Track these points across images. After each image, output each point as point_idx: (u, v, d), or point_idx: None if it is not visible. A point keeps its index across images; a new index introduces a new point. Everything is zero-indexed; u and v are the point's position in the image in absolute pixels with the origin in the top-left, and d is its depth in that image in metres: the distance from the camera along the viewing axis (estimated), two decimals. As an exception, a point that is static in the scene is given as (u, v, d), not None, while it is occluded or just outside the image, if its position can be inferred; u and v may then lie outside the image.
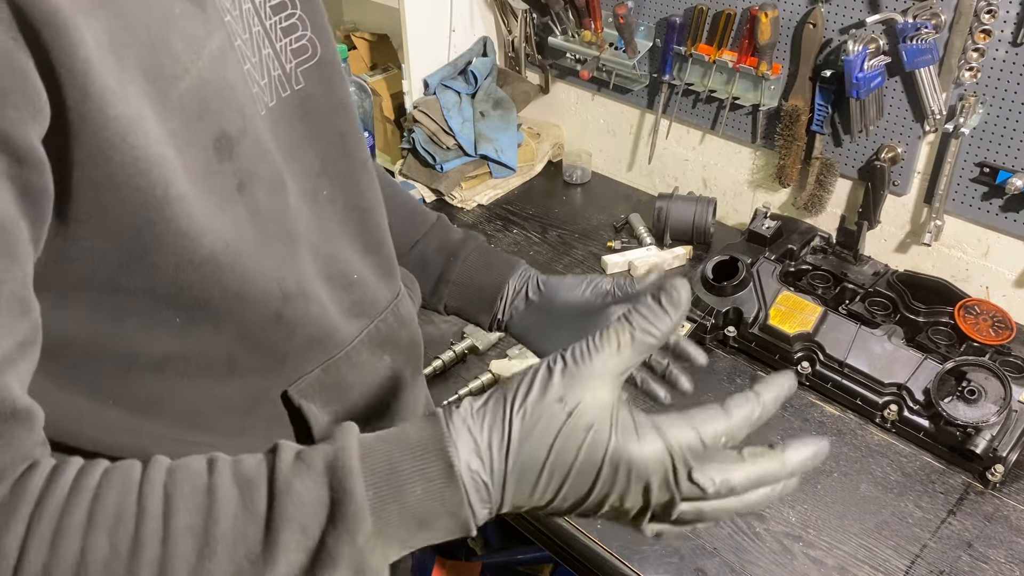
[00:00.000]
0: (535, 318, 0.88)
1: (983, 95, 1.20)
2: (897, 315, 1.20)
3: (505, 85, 1.75)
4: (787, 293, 1.21)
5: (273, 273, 0.56)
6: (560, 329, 0.88)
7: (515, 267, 0.89)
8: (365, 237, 0.67)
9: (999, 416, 1.01)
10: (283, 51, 0.59)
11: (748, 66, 1.40)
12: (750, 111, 1.48)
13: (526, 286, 0.88)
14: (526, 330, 0.89)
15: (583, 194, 1.71)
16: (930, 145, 1.30)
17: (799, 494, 1.01)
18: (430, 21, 1.67)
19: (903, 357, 1.11)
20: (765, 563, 0.93)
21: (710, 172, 1.62)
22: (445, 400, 1.13)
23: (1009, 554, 0.94)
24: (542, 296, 0.88)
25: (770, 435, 1.09)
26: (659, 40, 1.53)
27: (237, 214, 0.52)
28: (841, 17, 1.30)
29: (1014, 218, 1.24)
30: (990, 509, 1.00)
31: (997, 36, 1.16)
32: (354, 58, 1.94)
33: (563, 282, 0.86)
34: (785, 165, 1.43)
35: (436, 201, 1.66)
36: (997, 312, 1.15)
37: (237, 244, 0.52)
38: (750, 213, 1.45)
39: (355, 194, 0.66)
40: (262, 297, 0.55)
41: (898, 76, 1.27)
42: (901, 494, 1.02)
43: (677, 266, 1.45)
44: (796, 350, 1.16)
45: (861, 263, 1.31)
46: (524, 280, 0.88)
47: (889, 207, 1.36)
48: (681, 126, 1.61)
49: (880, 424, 1.11)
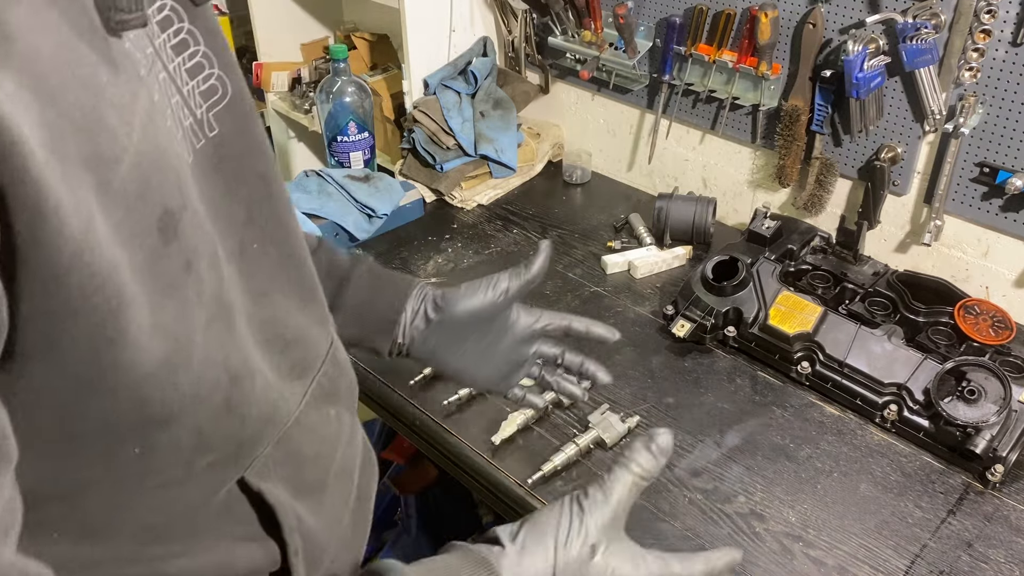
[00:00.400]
0: (438, 338, 0.85)
1: (983, 95, 1.20)
2: (897, 315, 1.20)
3: (505, 85, 1.75)
4: (787, 293, 1.21)
5: (219, 357, 0.49)
6: (465, 341, 0.86)
7: (411, 286, 0.85)
8: (301, 285, 0.62)
9: (999, 416, 1.01)
10: (191, 96, 0.51)
11: (748, 66, 1.40)
12: (750, 111, 1.48)
13: (424, 305, 0.84)
14: (431, 352, 0.85)
15: (583, 194, 1.71)
16: (930, 145, 1.30)
17: (799, 494, 1.01)
18: (430, 21, 1.67)
19: (903, 357, 1.11)
20: (765, 563, 0.93)
21: (710, 172, 1.62)
22: (444, 400, 1.13)
23: (1009, 554, 0.94)
24: (443, 313, 0.84)
25: (774, 437, 1.10)
26: (659, 40, 1.53)
27: (186, 299, 0.46)
28: (841, 17, 1.30)
29: (1014, 218, 1.24)
30: (990, 509, 1.00)
31: (997, 36, 1.16)
32: (354, 58, 1.94)
33: (461, 292, 0.84)
34: (785, 165, 1.43)
35: (436, 201, 1.66)
36: (997, 312, 1.15)
37: (187, 336, 0.46)
38: (750, 213, 1.45)
39: (286, 240, 0.60)
40: (213, 387, 0.49)
41: (898, 76, 1.27)
42: (901, 494, 1.02)
43: (677, 266, 1.45)
44: (796, 350, 1.16)
45: (861, 263, 1.31)
46: (422, 299, 0.85)
47: (889, 207, 1.36)
48: (681, 126, 1.61)
49: (880, 424, 1.11)
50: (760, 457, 1.07)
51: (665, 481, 1.03)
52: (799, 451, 1.07)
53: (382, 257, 1.48)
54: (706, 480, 1.03)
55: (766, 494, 1.02)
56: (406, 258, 1.48)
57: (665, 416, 1.13)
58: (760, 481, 1.03)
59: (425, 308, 0.85)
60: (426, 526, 1.62)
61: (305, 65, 2.05)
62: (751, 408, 1.14)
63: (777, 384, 1.18)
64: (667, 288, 1.39)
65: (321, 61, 2.03)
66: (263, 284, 0.57)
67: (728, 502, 1.00)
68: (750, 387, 1.18)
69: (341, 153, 1.64)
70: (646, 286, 1.40)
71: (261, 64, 2.04)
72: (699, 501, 1.00)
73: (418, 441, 1.17)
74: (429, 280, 1.36)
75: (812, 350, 1.16)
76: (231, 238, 0.54)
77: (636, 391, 1.17)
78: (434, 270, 1.45)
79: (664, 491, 1.02)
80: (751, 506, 1.00)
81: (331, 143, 1.64)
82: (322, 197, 1.38)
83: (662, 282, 1.41)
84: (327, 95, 1.59)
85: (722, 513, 0.99)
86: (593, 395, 1.16)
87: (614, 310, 1.34)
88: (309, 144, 2.23)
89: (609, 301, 1.36)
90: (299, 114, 2.01)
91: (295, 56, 2.08)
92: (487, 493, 1.06)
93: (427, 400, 1.16)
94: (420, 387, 1.17)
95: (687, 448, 1.08)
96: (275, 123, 2.14)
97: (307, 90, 2.01)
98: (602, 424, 1.08)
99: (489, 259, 1.47)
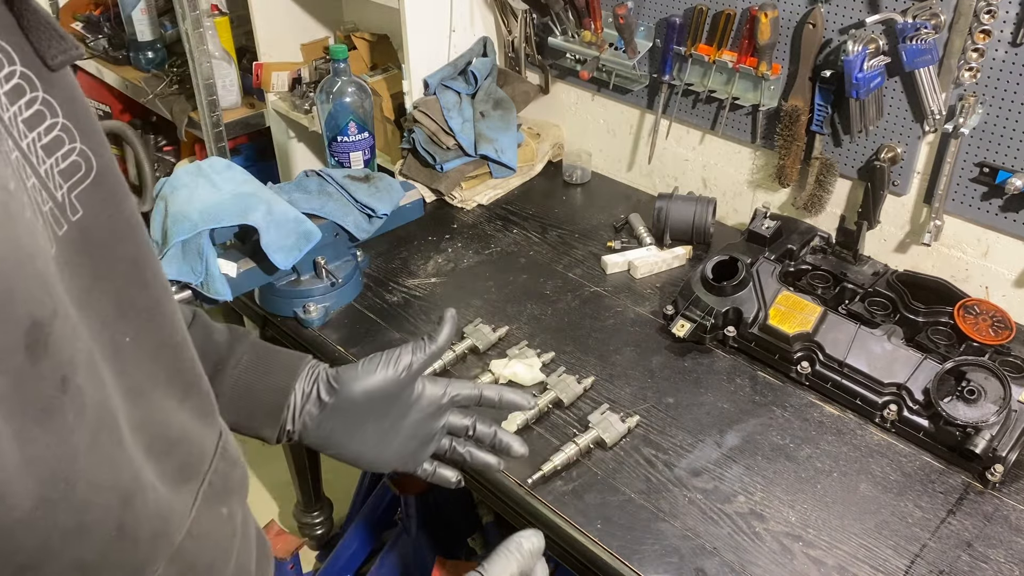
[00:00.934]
0: (334, 422, 0.79)
1: (983, 95, 1.20)
2: (897, 315, 1.20)
3: (505, 85, 1.75)
4: (787, 293, 1.21)
5: (108, 480, 0.43)
6: (365, 424, 0.80)
7: (300, 366, 0.78)
8: (182, 378, 0.55)
9: (999, 416, 1.01)
10: (50, 176, 0.44)
11: (748, 66, 1.40)
12: (750, 111, 1.48)
13: (316, 387, 0.78)
14: (325, 438, 0.79)
15: (583, 194, 1.71)
16: (930, 145, 1.30)
17: (799, 494, 1.01)
18: (430, 21, 1.67)
19: (903, 357, 1.11)
20: (765, 563, 0.93)
21: (710, 172, 1.62)
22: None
23: (1009, 554, 0.94)
24: (337, 394, 0.77)
25: (774, 437, 1.10)
26: (659, 40, 1.53)
27: (64, 421, 0.40)
28: (841, 17, 1.30)
29: (1014, 218, 1.24)
30: (990, 509, 1.00)
31: (997, 36, 1.16)
32: (354, 58, 1.94)
33: (358, 371, 0.78)
34: (785, 165, 1.43)
35: (436, 201, 1.66)
36: (997, 312, 1.15)
37: (67, 464, 0.40)
38: (750, 213, 1.45)
39: (162, 329, 0.53)
40: (102, 517, 0.43)
41: (898, 76, 1.27)
42: (901, 494, 1.02)
43: (677, 266, 1.45)
44: (796, 350, 1.16)
45: (861, 263, 1.31)
46: (314, 380, 0.78)
47: (889, 207, 1.36)
48: (681, 126, 1.61)
49: (880, 424, 1.11)
50: (760, 457, 1.07)
51: (665, 481, 1.03)
52: (799, 451, 1.08)
53: (382, 257, 1.48)
54: (706, 480, 1.03)
55: (766, 494, 1.02)
56: (406, 258, 1.48)
57: (665, 416, 1.13)
58: (760, 481, 1.03)
59: (317, 390, 0.78)
60: (426, 526, 1.62)
61: (305, 65, 2.05)
62: (751, 408, 1.14)
63: (777, 384, 1.19)
64: (667, 288, 1.39)
65: (321, 61, 2.03)
66: (139, 382, 0.50)
67: (728, 502, 1.01)
68: (750, 387, 1.18)
69: (341, 153, 1.64)
70: (646, 286, 1.40)
71: (261, 64, 2.04)
72: (699, 501, 1.01)
73: (418, 441, 1.17)
74: (428, 282, 1.36)
75: (812, 350, 1.16)
76: (102, 335, 0.47)
77: (636, 391, 1.17)
78: (434, 270, 1.45)
79: (664, 491, 1.02)
80: (751, 506, 1.00)
81: (331, 143, 1.64)
82: (322, 197, 1.38)
83: (662, 282, 1.41)
84: (327, 95, 1.59)
85: (722, 513, 0.99)
86: (593, 395, 1.16)
87: (614, 310, 1.34)
88: (309, 144, 2.23)
89: (609, 301, 1.36)
90: (299, 114, 2.01)
91: (295, 56, 2.08)
92: (487, 493, 1.06)
93: (427, 400, 1.15)
94: (420, 387, 1.17)
95: (687, 448, 1.08)
96: (275, 123, 2.14)
97: (307, 90, 2.01)
98: (602, 424, 1.08)
99: (489, 259, 1.47)
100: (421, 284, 1.41)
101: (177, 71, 2.26)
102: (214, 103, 2.03)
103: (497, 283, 1.41)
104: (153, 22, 2.27)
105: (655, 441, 1.09)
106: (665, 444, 1.09)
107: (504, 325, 1.28)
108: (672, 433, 1.10)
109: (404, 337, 1.28)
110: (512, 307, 1.35)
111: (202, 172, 1.24)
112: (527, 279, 1.42)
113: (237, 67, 2.13)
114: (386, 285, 1.40)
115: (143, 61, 2.32)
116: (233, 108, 2.14)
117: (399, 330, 1.30)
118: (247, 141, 2.32)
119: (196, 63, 1.96)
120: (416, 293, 1.39)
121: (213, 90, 2.01)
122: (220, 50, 2.06)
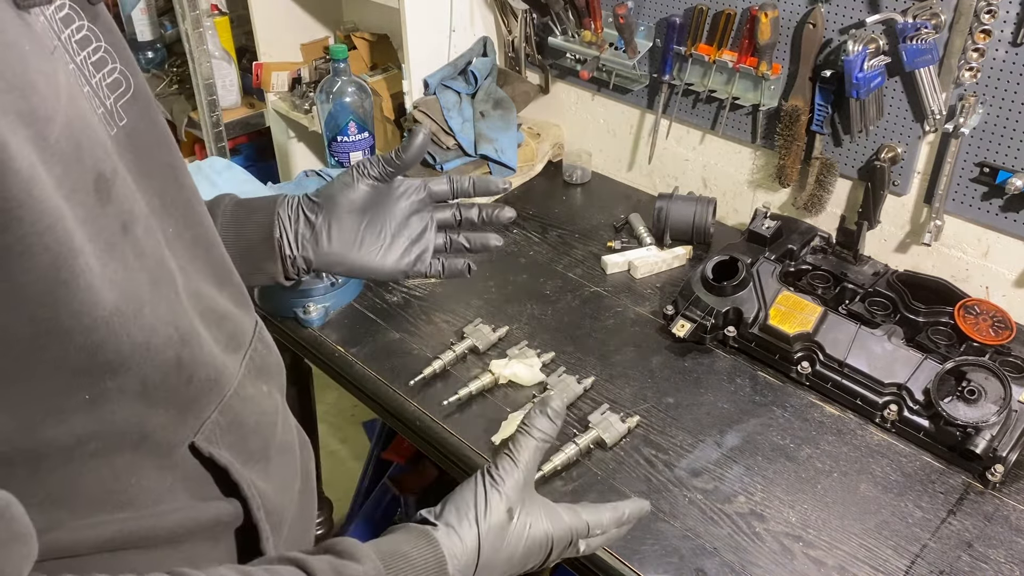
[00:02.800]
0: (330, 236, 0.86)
1: (983, 95, 1.20)
2: (897, 315, 1.20)
3: (505, 85, 1.75)
4: (787, 293, 1.21)
5: (168, 316, 0.52)
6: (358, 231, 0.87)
7: (277, 199, 0.84)
8: (216, 270, 0.63)
9: (999, 416, 1.01)
10: (99, 87, 0.53)
11: (748, 66, 1.40)
12: (750, 111, 1.48)
13: (300, 210, 0.85)
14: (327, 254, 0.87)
15: (583, 194, 1.71)
16: (930, 145, 1.30)
17: (799, 494, 1.01)
18: (430, 21, 1.67)
19: (903, 357, 1.11)
20: (765, 563, 0.93)
21: (710, 172, 1.62)
22: (444, 400, 1.13)
23: (1009, 554, 0.94)
24: (323, 209, 0.85)
25: (774, 437, 1.10)
26: (659, 40, 1.53)
27: (126, 259, 0.48)
28: (841, 17, 1.30)
29: (1014, 218, 1.24)
30: (990, 509, 1.00)
31: (997, 36, 1.16)
32: (354, 58, 1.94)
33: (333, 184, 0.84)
34: (785, 165, 1.43)
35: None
36: (997, 312, 1.15)
37: (134, 290, 0.48)
38: (750, 213, 1.45)
39: (197, 228, 0.62)
40: (164, 344, 0.51)
41: (898, 76, 1.27)
42: (901, 494, 1.02)
43: (677, 266, 1.45)
44: (796, 350, 1.16)
45: (861, 263, 1.31)
46: (295, 206, 0.85)
47: (889, 207, 1.36)
48: (681, 126, 1.61)
49: (880, 424, 1.11)
50: (760, 457, 1.07)
51: (665, 481, 1.03)
52: (799, 451, 1.07)
53: (382, 257, 1.48)
54: (706, 480, 1.03)
55: (766, 494, 1.02)
56: (406, 258, 1.48)
57: (665, 416, 1.13)
58: (760, 481, 1.03)
59: (302, 211, 0.85)
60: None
61: (305, 65, 2.05)
62: (751, 408, 1.14)
63: (777, 384, 1.18)
64: (667, 288, 1.39)
65: (321, 61, 2.03)
66: (187, 265, 0.58)
67: (728, 502, 1.00)
68: (750, 387, 1.18)
69: (341, 153, 1.64)
70: (646, 286, 1.40)
71: (261, 64, 2.04)
72: (699, 501, 1.00)
73: (418, 441, 1.17)
74: (428, 282, 1.36)
75: (812, 350, 1.16)
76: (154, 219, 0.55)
77: (636, 391, 1.17)
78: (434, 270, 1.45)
79: (664, 491, 1.02)
80: (751, 506, 1.00)
81: (331, 143, 1.64)
82: (322, 197, 1.38)
83: (662, 282, 1.41)
84: (327, 95, 1.59)
85: (722, 513, 0.99)
86: (593, 395, 1.16)
87: (614, 310, 1.34)
88: (309, 144, 2.23)
89: (609, 301, 1.36)
90: (299, 114, 2.01)
91: (295, 56, 2.08)
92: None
93: (427, 400, 1.16)
94: (420, 387, 1.17)
95: (687, 448, 1.08)
96: (275, 123, 2.14)
97: (307, 90, 2.01)
98: (602, 424, 1.08)
99: (489, 259, 1.47)
100: (421, 284, 1.41)
101: (177, 71, 2.26)
102: (214, 103, 2.03)
103: (497, 283, 1.41)
104: (153, 22, 2.27)
105: (655, 441, 1.09)
106: (665, 444, 1.09)
107: (504, 325, 1.28)
108: (672, 433, 1.10)
109: (404, 337, 1.28)
110: (512, 307, 1.34)
111: (202, 172, 1.24)
112: (527, 279, 1.42)
113: (237, 67, 2.13)
114: (386, 285, 1.40)
115: (143, 61, 2.32)
116: (233, 108, 2.14)
117: (399, 330, 1.30)
118: (247, 141, 2.32)
119: (196, 63, 1.96)
120: (416, 293, 1.39)
121: (213, 90, 2.01)
122: (220, 50, 2.06)
